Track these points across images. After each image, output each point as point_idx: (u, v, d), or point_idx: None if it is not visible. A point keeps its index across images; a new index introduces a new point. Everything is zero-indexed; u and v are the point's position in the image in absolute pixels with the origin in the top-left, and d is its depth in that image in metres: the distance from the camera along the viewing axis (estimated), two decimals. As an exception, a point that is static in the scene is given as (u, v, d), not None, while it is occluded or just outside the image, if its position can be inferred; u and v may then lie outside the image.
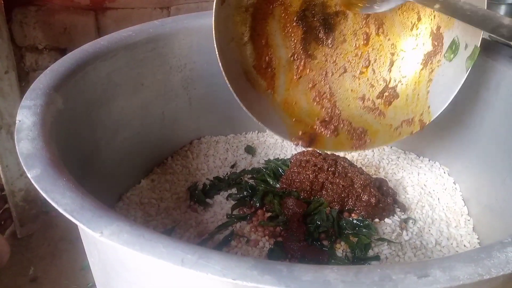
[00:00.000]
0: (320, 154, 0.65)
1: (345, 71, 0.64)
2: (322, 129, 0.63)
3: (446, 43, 0.59)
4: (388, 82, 0.63)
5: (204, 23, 0.70)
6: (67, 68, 0.54)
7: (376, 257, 0.55)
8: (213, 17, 0.55)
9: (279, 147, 0.77)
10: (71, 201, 0.35)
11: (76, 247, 0.72)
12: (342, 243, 0.57)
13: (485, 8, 0.53)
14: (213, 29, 0.56)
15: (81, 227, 0.33)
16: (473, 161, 0.65)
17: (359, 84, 0.64)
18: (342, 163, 0.63)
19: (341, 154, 0.68)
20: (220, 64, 0.57)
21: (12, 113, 0.66)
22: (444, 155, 0.70)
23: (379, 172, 0.71)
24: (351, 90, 0.64)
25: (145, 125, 0.69)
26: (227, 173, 0.71)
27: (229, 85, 0.58)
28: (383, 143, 0.63)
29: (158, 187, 0.68)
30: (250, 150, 0.76)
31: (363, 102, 0.64)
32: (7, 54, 0.63)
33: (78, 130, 0.55)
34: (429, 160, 0.72)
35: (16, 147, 0.41)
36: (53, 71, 0.53)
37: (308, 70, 0.63)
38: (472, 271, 0.29)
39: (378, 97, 0.65)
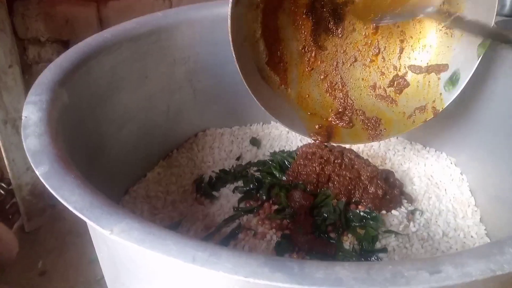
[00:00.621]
0: (326, 146, 0.65)
1: (356, 60, 0.64)
2: (337, 121, 0.63)
3: (457, 30, 0.59)
4: (398, 69, 0.63)
5: (206, 14, 0.69)
6: (72, 62, 0.54)
7: (384, 249, 0.55)
8: (229, 19, 0.55)
9: (284, 138, 0.77)
10: (80, 198, 0.35)
11: (83, 240, 0.72)
12: (350, 235, 0.57)
13: (492, 23, 0.54)
14: (229, 31, 0.55)
15: (91, 224, 0.33)
16: (480, 152, 0.64)
17: (370, 72, 0.64)
18: (349, 155, 0.63)
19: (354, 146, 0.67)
20: (237, 65, 0.56)
21: (17, 107, 0.66)
22: (450, 146, 0.70)
23: (385, 163, 0.70)
24: (362, 79, 0.64)
25: (150, 118, 0.69)
26: (232, 166, 0.70)
27: (246, 86, 0.58)
28: (398, 132, 0.63)
29: (164, 180, 0.68)
30: (255, 142, 0.76)
31: (374, 90, 0.65)
32: (11, 48, 0.63)
33: (83, 125, 0.55)
34: (435, 151, 0.72)
35: (23, 143, 0.41)
36: (57, 65, 0.53)
37: (319, 61, 0.63)
38: (484, 267, 0.29)
39: (389, 86, 0.65)
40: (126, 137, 0.65)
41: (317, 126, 0.62)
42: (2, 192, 0.71)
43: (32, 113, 0.44)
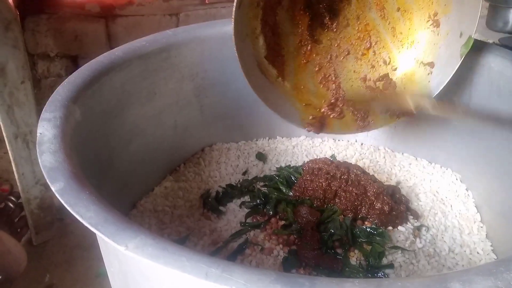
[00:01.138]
0: (332, 162, 0.66)
1: (348, 53, 0.67)
2: (330, 112, 0.65)
3: (443, 28, 0.62)
4: (387, 63, 0.67)
5: (215, 32, 0.71)
6: (84, 80, 0.55)
7: (390, 265, 0.56)
8: (233, 19, 0.57)
9: (290, 153, 0.78)
10: (95, 215, 0.35)
11: (91, 254, 0.72)
12: (356, 251, 0.57)
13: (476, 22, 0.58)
14: (233, 32, 0.58)
15: (106, 240, 0.33)
16: (486, 168, 0.65)
17: (361, 65, 0.67)
18: (355, 170, 0.64)
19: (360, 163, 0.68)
20: (239, 61, 0.59)
21: (28, 122, 0.67)
22: (456, 162, 0.71)
23: (391, 179, 0.71)
24: (354, 71, 0.67)
25: (158, 133, 0.70)
26: (239, 180, 0.71)
27: (246, 79, 0.60)
28: (385, 123, 0.66)
29: (171, 194, 0.69)
30: (261, 157, 0.77)
31: (364, 82, 0.68)
32: (23, 64, 0.64)
33: (94, 141, 0.56)
34: (441, 167, 0.73)
35: (39, 160, 0.42)
36: (70, 82, 0.54)
37: (314, 54, 0.66)
38: (491, 285, 0.30)
39: (378, 80, 0.68)
40: (134, 152, 0.66)
41: (310, 117, 0.65)
42: (12, 205, 0.71)
43: (46, 130, 0.46)
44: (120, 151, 0.63)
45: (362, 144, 0.79)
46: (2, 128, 0.66)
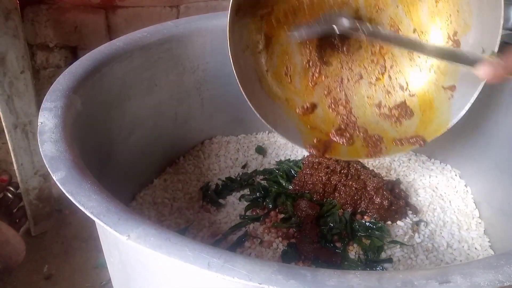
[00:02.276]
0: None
1: (361, 77, 0.63)
2: (338, 138, 0.62)
3: (464, 47, 0.58)
4: (404, 89, 0.63)
5: (216, 24, 0.70)
6: (85, 70, 0.55)
7: (389, 260, 0.56)
8: (228, 26, 0.55)
9: (289, 147, 0.78)
10: (97, 204, 0.35)
11: (89, 245, 0.73)
12: (355, 245, 0.58)
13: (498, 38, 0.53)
14: (228, 38, 0.56)
15: (108, 230, 0.33)
16: (485, 164, 0.65)
17: (375, 90, 0.64)
18: (355, 165, 0.64)
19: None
20: (234, 71, 0.57)
21: (27, 112, 0.66)
22: (455, 158, 0.71)
23: (390, 174, 0.71)
24: (367, 97, 0.64)
25: (158, 125, 0.70)
26: (238, 174, 0.71)
27: (242, 92, 0.58)
28: (398, 151, 0.62)
29: (171, 186, 0.69)
30: (260, 150, 0.77)
31: (379, 109, 0.64)
32: (23, 54, 0.64)
33: (95, 131, 0.56)
34: (440, 163, 0.73)
35: (40, 149, 0.42)
36: (71, 72, 0.54)
37: (323, 76, 0.63)
38: (492, 278, 0.30)
39: (394, 108, 0.64)
40: (134, 144, 0.65)
41: (315, 140, 0.61)
42: (10, 195, 0.71)
43: (47, 119, 0.45)
44: (120, 143, 0.63)
45: (361, 139, 0.79)
46: (2, 118, 0.65)
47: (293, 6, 0.60)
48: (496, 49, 0.55)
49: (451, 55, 0.55)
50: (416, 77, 0.62)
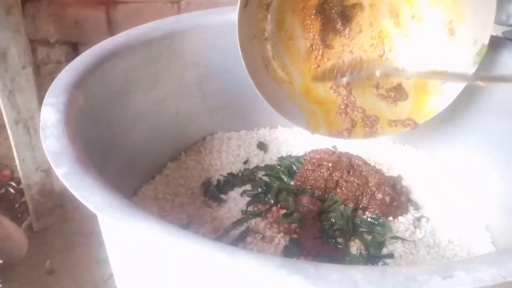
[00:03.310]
0: (334, 152, 0.66)
1: (361, 59, 0.66)
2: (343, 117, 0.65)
3: (458, 36, 0.61)
4: (401, 71, 0.66)
5: (219, 19, 0.70)
6: (86, 65, 0.55)
7: (390, 255, 0.56)
8: (237, 19, 0.57)
9: (291, 143, 0.78)
10: (100, 199, 0.35)
11: (91, 241, 0.73)
12: (357, 240, 0.58)
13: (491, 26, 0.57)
14: (237, 30, 0.57)
15: (112, 224, 0.34)
16: (487, 160, 0.65)
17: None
18: (357, 161, 0.64)
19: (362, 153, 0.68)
20: (243, 61, 0.59)
21: (29, 107, 0.67)
22: (457, 154, 0.71)
23: (392, 170, 0.71)
24: (366, 78, 0.66)
25: (160, 121, 0.70)
26: (240, 169, 0.71)
27: (251, 80, 0.60)
28: (392, 132, 0.65)
29: (173, 182, 0.69)
30: (262, 146, 0.77)
31: (377, 90, 0.67)
32: (25, 49, 0.64)
33: (97, 127, 0.56)
34: (441, 158, 0.73)
35: (43, 144, 0.42)
36: (73, 68, 0.54)
37: (326, 59, 0.66)
38: (495, 273, 0.30)
39: (390, 90, 0.67)
40: (136, 139, 0.65)
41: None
42: (12, 191, 0.71)
43: (50, 114, 0.45)
44: (122, 138, 0.63)
45: (363, 135, 0.79)
46: (3, 114, 0.65)
47: None
48: (486, 42, 0.57)
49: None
50: (412, 60, 0.65)
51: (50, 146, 0.41)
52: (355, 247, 0.57)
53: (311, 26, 0.65)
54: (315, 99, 0.66)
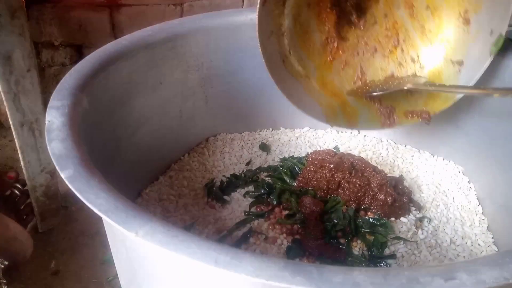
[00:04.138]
0: (336, 153, 0.66)
1: (376, 51, 0.67)
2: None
3: (473, 26, 0.61)
4: (416, 61, 0.66)
5: (221, 22, 0.71)
6: (91, 68, 0.55)
7: (393, 256, 0.56)
8: (257, 17, 0.58)
9: (293, 144, 0.78)
10: (105, 201, 0.36)
11: (96, 242, 0.73)
12: (359, 241, 0.58)
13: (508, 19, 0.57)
14: (257, 27, 0.58)
15: (116, 227, 0.34)
16: (488, 161, 0.65)
17: (388, 63, 0.67)
18: (359, 162, 0.64)
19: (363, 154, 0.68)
20: (262, 58, 0.60)
21: (34, 110, 0.67)
22: (459, 154, 0.71)
23: (393, 171, 0.71)
24: (381, 69, 0.67)
25: (163, 123, 0.70)
26: (243, 170, 0.72)
27: (271, 77, 0.61)
28: (408, 122, 0.66)
29: (176, 183, 0.69)
30: (264, 147, 0.77)
31: (392, 80, 0.67)
32: (29, 52, 0.64)
33: (101, 129, 0.56)
34: (443, 159, 0.73)
35: (48, 147, 0.42)
36: (77, 71, 0.54)
37: (341, 51, 0.67)
38: (498, 275, 0.30)
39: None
40: (139, 141, 0.66)
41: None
42: (18, 192, 0.72)
43: (55, 117, 0.46)
44: (126, 140, 0.63)
45: (365, 136, 0.80)
46: (9, 116, 0.66)
47: None
48: (504, 32, 0.57)
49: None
50: (427, 50, 0.66)
51: (55, 149, 0.42)
52: (357, 247, 0.58)
53: (326, 19, 0.66)
54: (331, 91, 0.67)
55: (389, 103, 0.66)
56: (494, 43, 0.59)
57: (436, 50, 0.65)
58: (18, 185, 0.72)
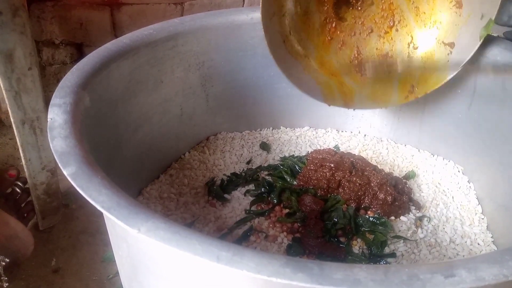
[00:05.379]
0: (336, 153, 0.67)
1: (372, 31, 0.69)
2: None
3: (465, 10, 0.63)
4: (410, 41, 0.68)
5: (221, 21, 0.71)
6: (93, 67, 0.56)
7: (392, 254, 0.57)
8: (261, 2, 0.60)
9: (293, 144, 0.79)
10: (107, 198, 0.36)
11: (96, 240, 0.73)
12: (359, 240, 0.58)
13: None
14: (260, 8, 0.60)
15: (119, 223, 0.34)
16: (488, 160, 0.66)
17: (384, 43, 0.69)
18: (359, 161, 0.64)
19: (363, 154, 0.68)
20: (265, 38, 0.61)
21: (35, 108, 0.67)
22: (458, 154, 0.71)
23: (393, 170, 0.72)
24: (376, 48, 0.69)
25: (164, 121, 0.70)
26: (243, 169, 0.72)
27: (272, 57, 0.62)
28: (398, 102, 0.68)
29: (177, 182, 0.69)
30: (265, 146, 0.77)
31: (386, 59, 0.70)
32: (31, 50, 0.64)
33: (102, 127, 0.56)
34: (443, 159, 0.73)
35: (50, 145, 0.42)
36: (79, 69, 0.54)
37: (338, 31, 0.69)
38: (497, 272, 0.30)
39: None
40: (141, 139, 0.66)
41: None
42: (19, 190, 0.72)
43: (57, 115, 0.46)
44: (127, 138, 0.63)
45: (365, 135, 0.80)
46: (10, 114, 0.66)
47: None
48: (493, 17, 0.59)
49: None
50: (420, 32, 0.68)
51: (57, 147, 0.42)
52: (357, 246, 0.58)
53: (326, 0, 0.67)
54: (329, 70, 0.69)
55: (382, 85, 0.68)
56: (484, 27, 0.60)
57: (429, 32, 0.67)
58: (19, 183, 0.72)
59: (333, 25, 0.68)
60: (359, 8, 0.68)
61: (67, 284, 0.67)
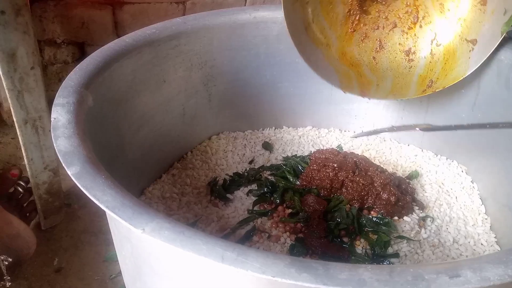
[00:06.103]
0: (339, 153, 0.67)
1: (395, 26, 0.70)
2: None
3: (489, 6, 0.62)
4: (433, 38, 0.69)
5: (224, 20, 0.71)
6: (95, 66, 0.56)
7: (396, 255, 0.56)
8: None
9: (296, 143, 0.78)
10: (111, 198, 0.36)
11: (98, 239, 0.73)
12: (362, 240, 0.58)
13: None
14: None
15: (123, 223, 0.34)
16: (491, 161, 0.66)
17: (407, 38, 0.70)
18: (362, 161, 0.64)
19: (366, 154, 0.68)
20: (285, 23, 0.63)
21: (37, 107, 0.67)
22: (462, 154, 0.71)
23: (397, 170, 0.72)
24: (399, 44, 0.70)
25: (166, 121, 0.70)
26: (245, 169, 0.72)
27: (291, 40, 0.64)
28: (415, 94, 0.68)
29: (179, 181, 0.69)
30: (267, 146, 0.77)
31: (408, 55, 0.70)
32: (33, 50, 0.64)
33: (105, 127, 0.56)
34: (446, 159, 0.73)
35: (54, 144, 0.42)
36: (82, 69, 0.54)
37: (362, 24, 0.70)
38: (502, 272, 0.30)
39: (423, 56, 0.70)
40: (143, 139, 0.66)
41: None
42: (21, 190, 0.72)
43: (60, 115, 0.46)
44: (130, 138, 0.63)
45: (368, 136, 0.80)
46: (12, 113, 0.66)
47: None
48: None
49: None
50: (444, 28, 0.68)
51: (61, 146, 0.42)
52: (360, 246, 0.58)
53: None
54: (349, 61, 0.70)
55: (401, 79, 0.69)
56: (506, 23, 0.60)
57: (453, 28, 0.67)
58: (22, 183, 0.72)
59: (357, 17, 0.69)
60: (384, 2, 0.69)
61: (69, 283, 0.67)
